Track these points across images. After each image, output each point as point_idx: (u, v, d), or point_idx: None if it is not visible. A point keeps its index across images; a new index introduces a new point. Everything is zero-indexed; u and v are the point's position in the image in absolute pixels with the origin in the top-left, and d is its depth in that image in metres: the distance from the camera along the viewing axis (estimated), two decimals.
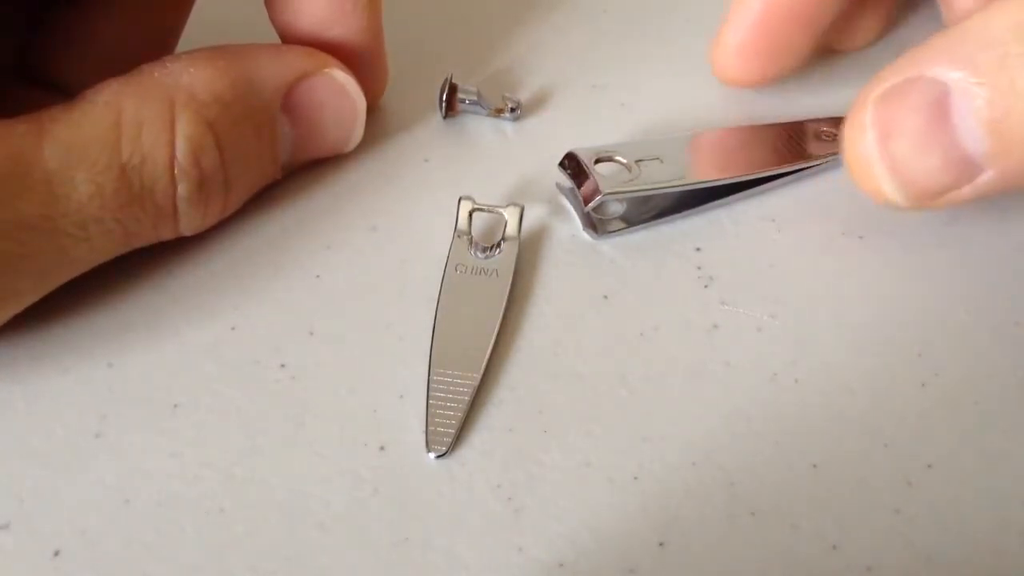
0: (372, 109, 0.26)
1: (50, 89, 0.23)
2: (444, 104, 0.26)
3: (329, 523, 0.18)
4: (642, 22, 0.30)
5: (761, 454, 0.19)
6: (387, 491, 0.19)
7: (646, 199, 0.24)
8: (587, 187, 0.23)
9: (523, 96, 0.27)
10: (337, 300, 0.22)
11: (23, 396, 0.20)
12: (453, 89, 0.26)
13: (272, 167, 0.23)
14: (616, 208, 0.24)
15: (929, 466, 0.19)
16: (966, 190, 0.21)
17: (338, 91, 0.23)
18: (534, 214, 0.24)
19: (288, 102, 0.22)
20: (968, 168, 0.20)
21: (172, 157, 0.20)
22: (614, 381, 0.21)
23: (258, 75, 0.22)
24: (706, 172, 0.24)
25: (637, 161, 0.24)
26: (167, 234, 0.21)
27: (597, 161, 0.23)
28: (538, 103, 0.27)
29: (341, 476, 0.19)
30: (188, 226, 0.21)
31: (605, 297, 0.22)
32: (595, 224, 0.24)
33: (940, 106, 0.20)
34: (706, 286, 0.22)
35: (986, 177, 0.20)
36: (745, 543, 0.18)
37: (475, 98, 0.26)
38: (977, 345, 0.21)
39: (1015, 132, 0.19)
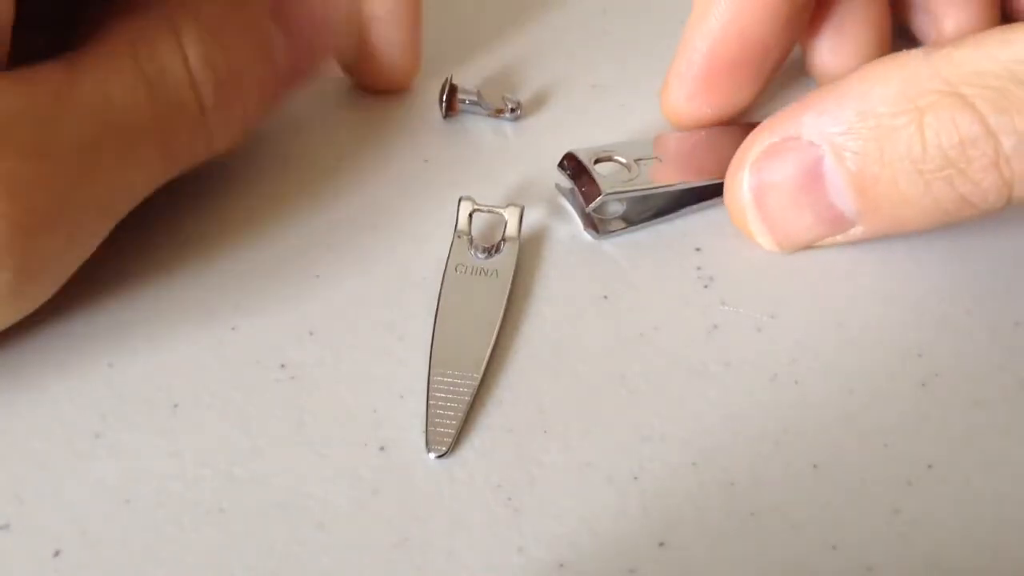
0: (404, 88, 0.27)
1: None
2: (444, 104, 0.26)
3: (329, 523, 0.18)
4: (642, 22, 0.30)
5: (761, 454, 0.19)
6: (387, 491, 0.19)
7: (646, 198, 0.24)
8: (588, 188, 0.23)
9: (523, 96, 0.27)
10: (337, 300, 0.22)
11: (23, 396, 0.20)
12: (453, 89, 0.26)
13: (271, 76, 0.23)
14: (616, 208, 0.24)
15: (929, 466, 0.19)
16: (839, 238, 0.22)
17: None
18: (534, 214, 0.24)
19: (276, 8, 0.23)
20: (839, 223, 0.22)
21: (187, 65, 0.21)
22: (614, 381, 0.21)
23: None
24: (705, 169, 0.24)
25: (636, 160, 0.24)
26: (202, 147, 0.22)
27: (596, 161, 0.23)
28: (538, 103, 0.27)
29: (341, 476, 0.19)
30: (218, 134, 0.22)
31: (605, 297, 0.22)
32: (596, 224, 0.24)
33: (814, 167, 0.21)
34: (706, 286, 0.22)
35: (856, 231, 0.22)
36: (745, 543, 0.18)
37: (475, 98, 0.26)
38: (977, 345, 0.21)
39: (880, 197, 0.21)
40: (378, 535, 0.18)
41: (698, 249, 0.23)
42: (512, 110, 0.26)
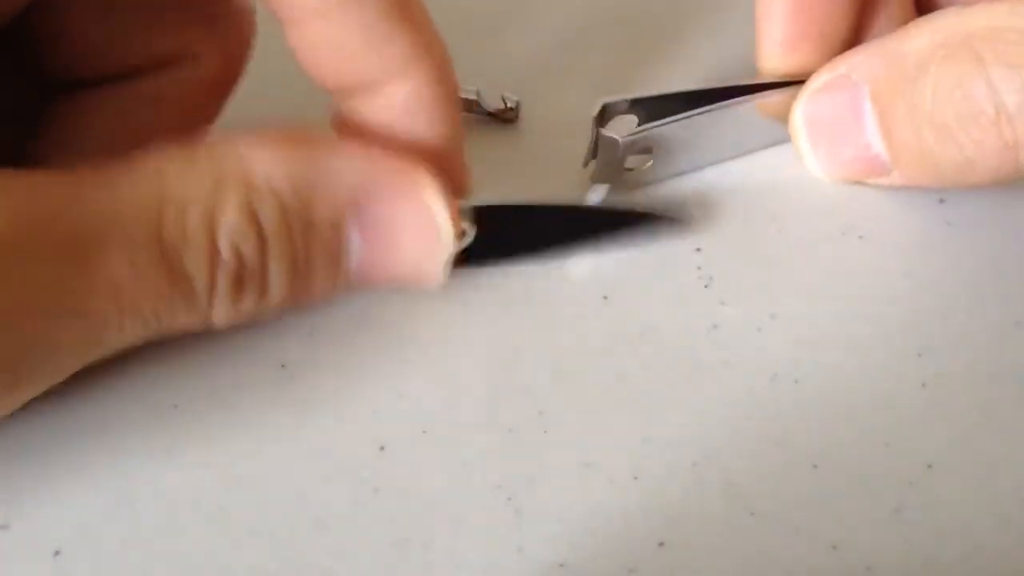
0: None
1: None
2: None
3: (329, 523, 0.18)
4: (644, 21, 0.30)
5: (761, 454, 0.19)
6: (387, 491, 0.19)
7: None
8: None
9: (523, 97, 0.27)
10: (337, 300, 0.22)
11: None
12: None
13: (329, 283, 0.20)
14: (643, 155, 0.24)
15: (929, 466, 0.19)
16: (882, 180, 0.23)
17: (422, 213, 0.20)
18: None
19: (361, 212, 0.19)
20: (876, 164, 0.23)
21: (215, 243, 0.18)
22: (614, 381, 0.21)
23: (328, 172, 0.19)
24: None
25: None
26: (194, 324, 0.19)
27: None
28: (539, 103, 0.27)
29: (341, 476, 0.19)
30: (222, 322, 0.19)
31: (605, 297, 0.22)
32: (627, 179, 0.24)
33: (856, 106, 0.22)
34: (706, 286, 0.22)
35: (895, 175, 0.23)
36: (745, 543, 0.18)
37: (475, 98, 0.26)
38: (977, 345, 0.21)
39: (902, 144, 0.21)
40: (378, 535, 0.18)
41: (698, 249, 0.23)
42: (511, 110, 0.26)
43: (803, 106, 0.24)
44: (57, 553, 0.18)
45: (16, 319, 0.16)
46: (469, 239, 0.21)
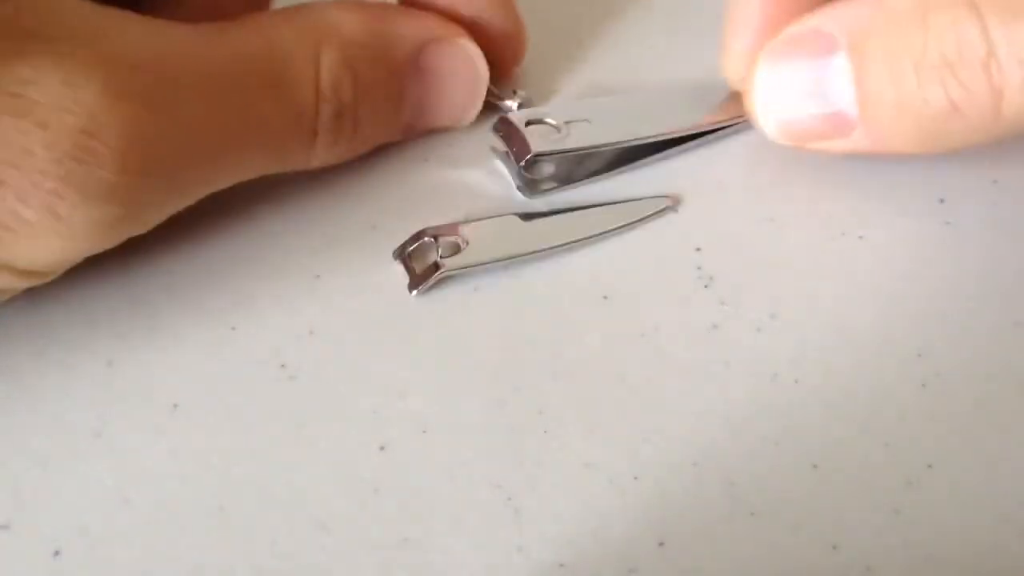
0: (506, 76, 0.27)
1: None
2: None
3: (329, 523, 0.18)
4: (644, 21, 0.30)
5: (761, 454, 0.19)
6: (387, 491, 0.19)
7: (579, 159, 0.25)
8: (518, 148, 0.24)
9: (525, 92, 0.27)
10: (337, 300, 0.22)
11: (23, 395, 0.20)
12: None
13: (396, 122, 0.24)
14: (547, 168, 0.25)
15: (929, 466, 0.19)
16: (841, 144, 0.22)
17: (467, 61, 0.24)
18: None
19: (419, 62, 0.23)
20: (842, 123, 0.22)
21: (318, 84, 0.21)
22: (614, 381, 0.21)
23: (396, 29, 0.23)
24: (639, 129, 0.25)
25: (566, 122, 0.24)
26: (299, 161, 0.23)
27: (528, 124, 0.24)
28: (538, 101, 0.27)
29: (341, 476, 0.19)
30: (320, 153, 0.23)
31: (605, 297, 0.22)
32: (527, 184, 0.24)
33: (825, 58, 0.22)
34: (706, 286, 0.22)
35: (858, 135, 0.22)
36: (745, 543, 0.18)
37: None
38: (977, 345, 0.21)
39: (877, 94, 0.21)
40: (378, 535, 0.18)
41: (698, 249, 0.23)
42: (520, 106, 0.26)
43: (764, 61, 0.23)
44: (57, 553, 0.18)
45: (220, 138, 0.20)
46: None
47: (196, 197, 0.21)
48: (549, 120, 0.24)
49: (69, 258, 0.19)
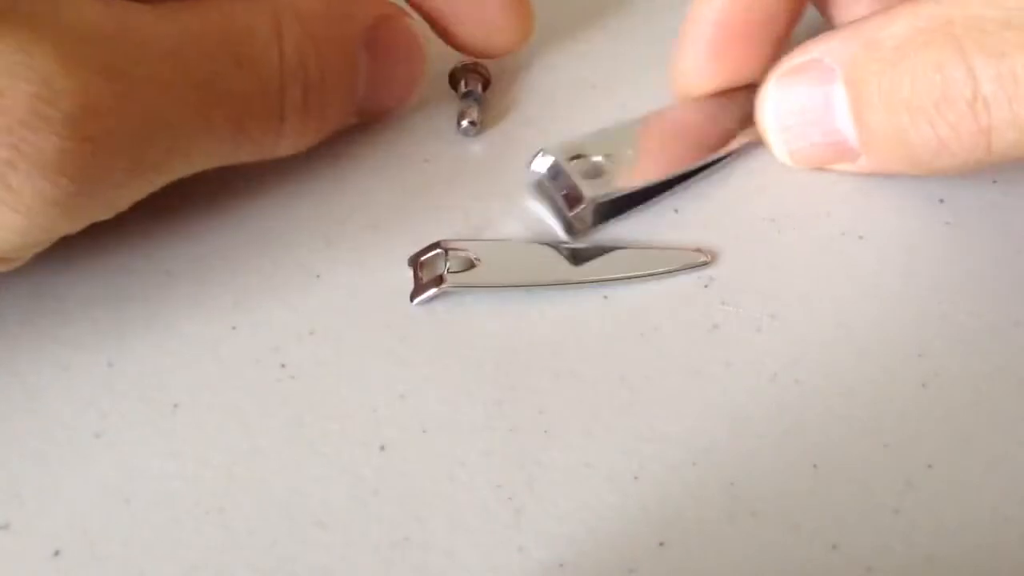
0: (516, 50, 0.26)
1: None
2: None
3: (329, 523, 0.18)
4: (644, 22, 0.30)
5: (761, 454, 0.19)
6: (387, 491, 0.19)
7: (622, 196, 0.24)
8: (569, 192, 0.23)
9: (524, 96, 0.27)
10: (337, 299, 0.22)
11: (23, 395, 0.20)
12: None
13: (352, 103, 0.24)
14: (589, 207, 0.24)
15: (929, 466, 0.19)
16: (849, 167, 0.23)
17: (413, 39, 0.24)
18: (533, 212, 0.24)
19: (370, 37, 0.23)
20: (844, 149, 0.23)
21: (282, 60, 0.21)
22: (614, 381, 0.21)
23: (348, 6, 0.23)
24: (679, 156, 0.24)
25: (607, 155, 0.24)
26: (269, 145, 0.22)
27: (571, 159, 0.24)
28: (539, 101, 0.27)
29: (341, 476, 0.19)
30: (289, 136, 0.22)
31: (605, 297, 0.22)
32: (573, 226, 0.23)
33: (826, 89, 0.22)
34: (706, 286, 0.22)
35: (863, 161, 0.23)
36: (745, 543, 0.18)
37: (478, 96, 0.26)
38: (977, 345, 0.21)
39: (875, 128, 0.22)
40: (378, 535, 0.18)
41: (698, 249, 0.23)
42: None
43: (772, 89, 0.23)
44: (57, 553, 0.18)
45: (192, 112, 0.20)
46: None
47: (161, 181, 0.20)
48: (595, 158, 0.24)
49: (29, 240, 0.19)
